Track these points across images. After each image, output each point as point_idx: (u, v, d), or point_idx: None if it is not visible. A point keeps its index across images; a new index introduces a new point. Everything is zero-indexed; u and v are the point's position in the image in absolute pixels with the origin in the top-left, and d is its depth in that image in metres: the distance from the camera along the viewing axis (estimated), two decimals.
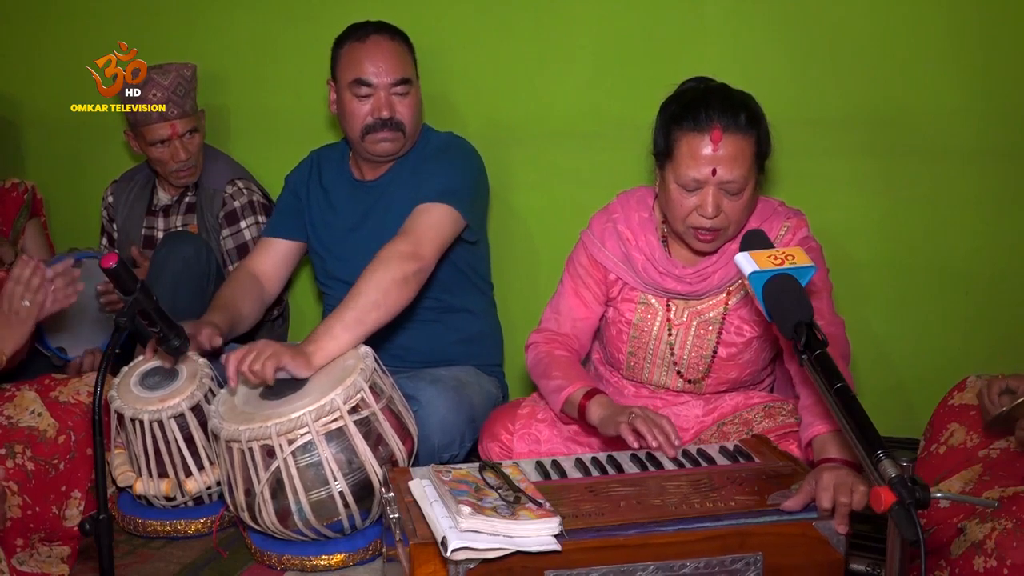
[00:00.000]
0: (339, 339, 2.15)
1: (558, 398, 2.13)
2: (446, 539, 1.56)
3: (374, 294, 2.19)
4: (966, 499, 1.75)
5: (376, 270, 2.23)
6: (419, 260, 2.28)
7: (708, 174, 1.97)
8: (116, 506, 2.35)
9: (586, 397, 2.08)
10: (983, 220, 2.47)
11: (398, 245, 2.29)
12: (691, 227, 2.03)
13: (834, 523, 1.66)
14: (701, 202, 1.99)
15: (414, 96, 2.53)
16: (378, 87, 2.47)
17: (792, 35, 2.52)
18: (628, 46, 2.66)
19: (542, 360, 2.21)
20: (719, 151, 1.95)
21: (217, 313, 2.47)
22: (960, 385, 2.13)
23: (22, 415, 2.16)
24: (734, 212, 2.01)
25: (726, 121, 1.96)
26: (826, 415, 1.84)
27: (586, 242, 2.25)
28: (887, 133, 2.50)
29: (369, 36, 2.50)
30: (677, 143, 2.00)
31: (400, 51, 2.52)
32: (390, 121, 2.48)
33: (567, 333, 2.26)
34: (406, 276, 2.24)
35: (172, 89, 2.73)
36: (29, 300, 2.10)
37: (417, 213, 2.38)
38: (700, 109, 1.98)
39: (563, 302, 2.27)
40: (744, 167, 1.97)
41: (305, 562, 2.12)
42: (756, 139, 2.00)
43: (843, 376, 1.47)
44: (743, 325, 2.14)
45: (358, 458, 2.05)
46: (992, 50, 2.38)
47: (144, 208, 2.97)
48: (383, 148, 2.52)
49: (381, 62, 2.47)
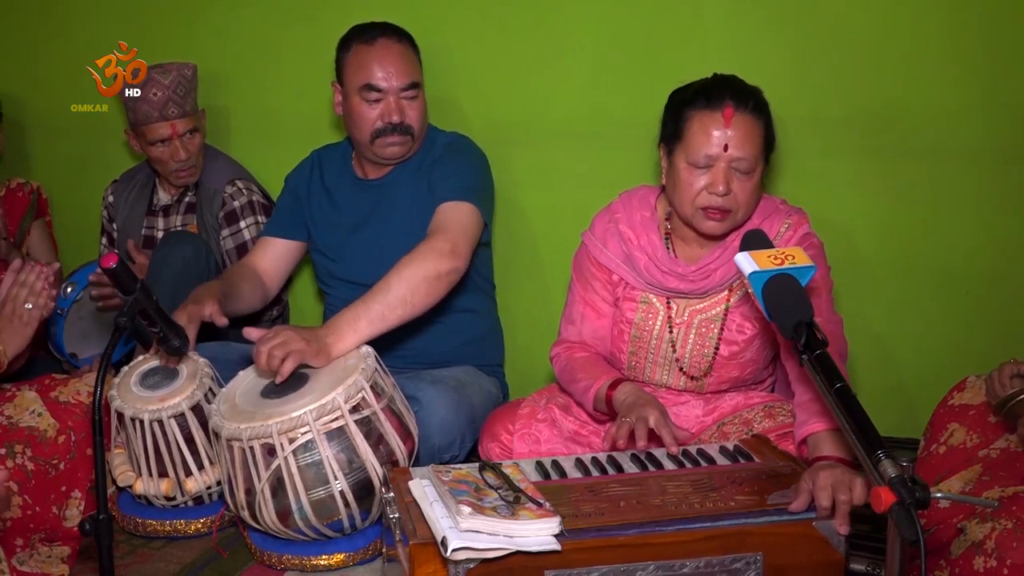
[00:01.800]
0: (360, 333, 2.13)
1: (588, 399, 2.14)
2: (446, 539, 1.56)
3: (403, 290, 2.16)
4: (966, 499, 1.75)
5: (408, 265, 2.19)
6: (456, 259, 2.25)
7: (720, 150, 2.00)
8: (116, 506, 2.35)
9: (611, 388, 2.09)
10: (983, 220, 2.48)
11: (435, 242, 2.25)
12: (701, 207, 2.04)
13: (835, 522, 1.66)
14: (712, 180, 2.01)
15: (422, 99, 2.53)
16: (388, 92, 2.46)
17: (792, 35, 2.52)
18: (628, 46, 2.66)
19: (567, 367, 2.22)
20: (730, 129, 1.99)
21: (215, 281, 2.46)
22: (960, 385, 2.13)
23: (22, 415, 2.16)
24: (743, 193, 2.03)
25: (737, 101, 2.00)
26: (821, 412, 1.84)
27: (588, 244, 2.25)
28: (887, 133, 2.50)
29: (377, 39, 2.48)
30: (689, 122, 2.03)
31: (408, 54, 2.51)
32: (400, 126, 2.48)
33: (584, 341, 2.27)
34: (439, 274, 2.21)
35: (172, 88, 2.73)
36: (33, 303, 2.10)
37: (445, 211, 2.36)
38: (713, 90, 2.04)
39: (575, 311, 2.28)
40: (754, 147, 2.01)
41: (305, 562, 2.12)
42: (764, 124, 2.04)
43: (843, 376, 1.47)
44: (745, 323, 2.14)
45: (359, 457, 2.05)
46: (992, 50, 2.38)
47: (144, 208, 2.97)
48: (392, 152, 2.52)
49: (391, 66, 2.46)
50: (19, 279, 2.11)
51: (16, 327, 2.10)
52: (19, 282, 2.11)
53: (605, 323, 2.26)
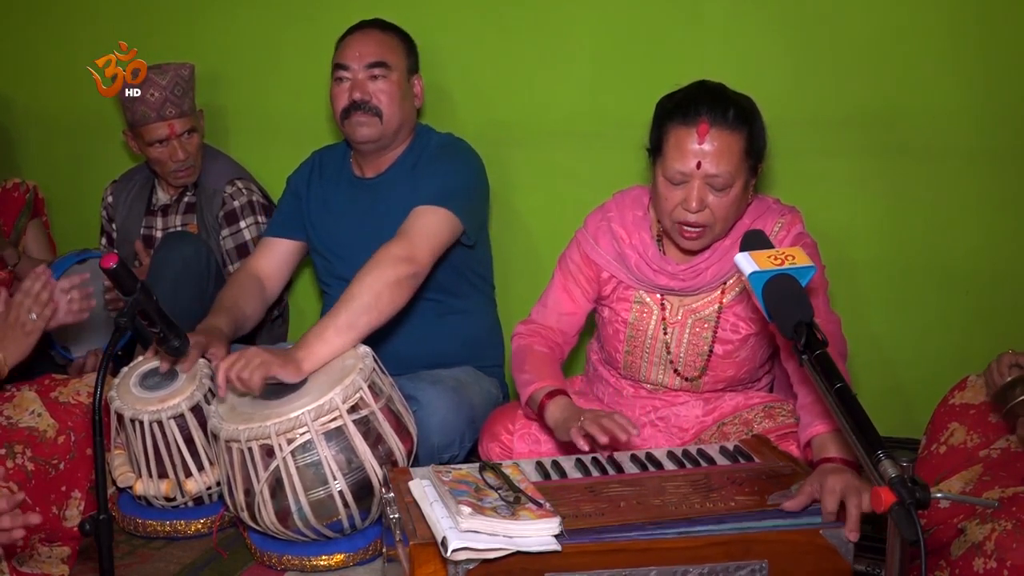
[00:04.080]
0: (331, 343, 2.14)
1: (524, 393, 2.15)
2: (446, 539, 1.56)
3: (366, 297, 2.18)
4: (966, 499, 1.75)
5: (369, 272, 2.22)
6: (413, 264, 2.27)
7: (693, 167, 1.99)
8: (116, 506, 2.35)
9: (548, 396, 2.09)
10: (983, 220, 2.47)
11: (393, 248, 2.27)
12: (676, 222, 2.05)
13: (845, 529, 1.63)
14: (686, 196, 2.01)
15: (393, 82, 2.50)
16: (355, 71, 2.48)
17: (792, 35, 2.52)
18: (628, 46, 2.66)
19: (520, 352, 2.23)
20: (705, 145, 1.98)
21: (222, 315, 2.45)
22: (960, 385, 2.13)
23: (22, 415, 2.16)
24: (720, 209, 2.02)
25: (713, 116, 1.98)
26: (825, 414, 1.84)
27: (580, 240, 2.26)
28: (887, 133, 2.49)
29: (360, 28, 2.53)
30: (666, 137, 2.03)
31: (384, 39, 2.52)
32: (365, 104, 2.47)
33: (551, 326, 2.28)
34: (399, 279, 2.23)
35: (170, 89, 2.73)
36: (36, 314, 2.08)
37: (415, 216, 2.37)
38: (690, 104, 2.02)
39: (551, 295, 2.29)
40: (731, 163, 1.99)
41: (305, 562, 2.12)
42: (746, 136, 2.01)
43: (844, 376, 1.47)
44: (739, 322, 2.14)
45: (357, 457, 2.05)
46: (992, 50, 2.38)
47: (143, 208, 2.97)
48: (361, 133, 2.50)
49: (360, 47, 2.49)
50: (24, 287, 2.09)
51: (18, 336, 2.09)
52: (23, 290, 2.09)
53: (578, 315, 2.27)
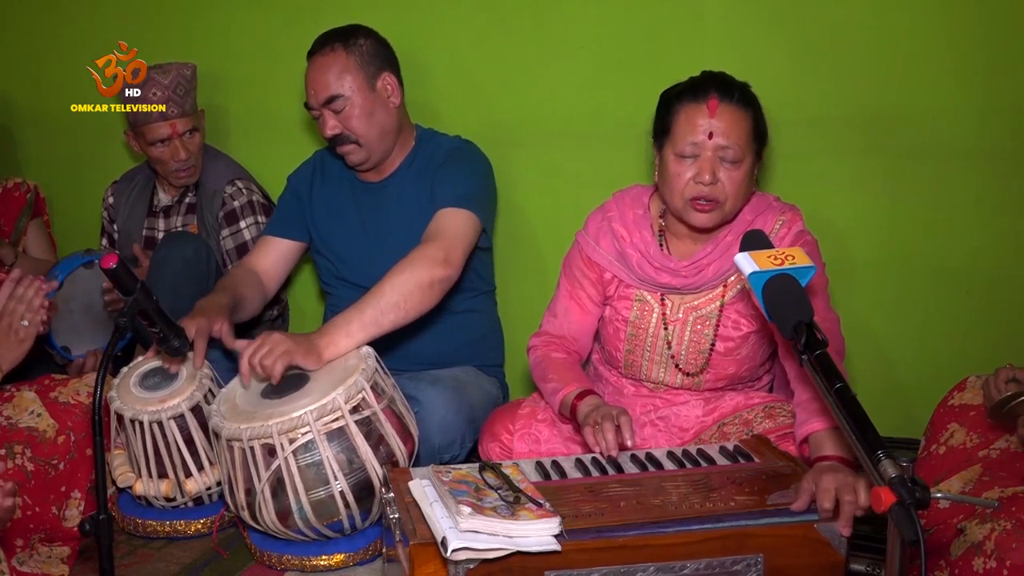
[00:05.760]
0: (354, 337, 2.15)
1: (555, 401, 2.14)
2: (446, 539, 1.56)
3: (396, 296, 2.18)
4: (966, 499, 1.75)
5: (403, 271, 2.21)
6: (448, 267, 2.26)
7: (705, 139, 2.02)
8: (116, 506, 2.35)
9: (577, 398, 2.09)
10: (983, 220, 2.47)
11: (428, 249, 2.26)
12: (689, 198, 2.05)
13: (838, 524, 1.65)
14: (699, 169, 2.03)
15: (354, 105, 2.44)
16: (318, 110, 2.48)
17: (792, 35, 2.52)
18: (628, 46, 2.66)
19: (540, 363, 2.23)
20: (715, 118, 2.02)
21: (222, 293, 2.44)
22: (960, 385, 2.13)
23: (22, 415, 2.16)
24: (731, 184, 2.04)
25: (722, 93, 2.04)
26: (822, 412, 1.85)
27: (580, 242, 2.26)
28: (887, 133, 2.49)
29: (312, 57, 2.49)
30: (676, 116, 2.07)
31: (332, 65, 2.44)
32: (338, 137, 2.47)
33: (565, 336, 2.27)
34: (432, 281, 2.22)
35: (172, 88, 2.73)
36: (28, 320, 2.08)
37: (442, 218, 2.36)
38: (698, 84, 2.08)
39: (559, 305, 2.29)
40: (741, 136, 2.02)
41: (305, 562, 2.12)
42: (752, 117, 2.06)
43: (843, 376, 1.47)
44: (740, 320, 2.14)
45: (359, 458, 2.05)
46: (992, 50, 2.38)
47: (145, 209, 2.97)
48: (351, 160, 2.52)
49: (314, 85, 2.46)
50: (16, 293, 2.09)
51: (11, 343, 2.08)
52: (16, 296, 2.08)
53: (589, 321, 2.27)
